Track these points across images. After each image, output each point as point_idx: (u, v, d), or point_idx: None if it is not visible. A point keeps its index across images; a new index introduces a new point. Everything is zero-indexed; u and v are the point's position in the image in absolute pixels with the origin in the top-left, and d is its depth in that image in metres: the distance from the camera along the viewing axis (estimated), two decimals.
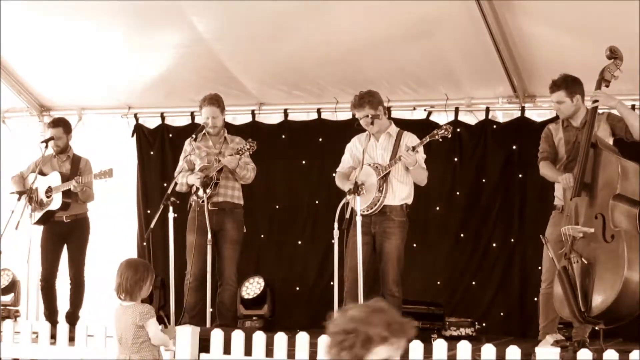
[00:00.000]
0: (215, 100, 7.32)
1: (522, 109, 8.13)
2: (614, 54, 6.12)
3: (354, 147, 7.03)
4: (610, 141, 6.34)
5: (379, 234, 6.76)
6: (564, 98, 6.29)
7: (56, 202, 7.65)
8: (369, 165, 6.81)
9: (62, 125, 7.93)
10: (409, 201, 6.87)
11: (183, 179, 7.25)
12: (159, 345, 5.07)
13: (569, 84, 6.29)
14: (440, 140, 6.65)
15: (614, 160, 5.94)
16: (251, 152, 7.19)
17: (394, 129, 6.95)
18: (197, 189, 7.14)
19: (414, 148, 6.60)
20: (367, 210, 6.68)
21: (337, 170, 7.11)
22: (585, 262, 5.77)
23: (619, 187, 5.87)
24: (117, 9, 7.68)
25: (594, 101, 6.12)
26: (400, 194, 6.79)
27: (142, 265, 5.19)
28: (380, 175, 6.72)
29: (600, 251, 5.79)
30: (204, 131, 7.38)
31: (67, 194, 7.63)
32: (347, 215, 6.32)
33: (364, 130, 6.95)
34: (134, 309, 5.06)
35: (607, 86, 6.16)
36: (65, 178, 7.66)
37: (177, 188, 7.22)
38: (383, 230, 6.75)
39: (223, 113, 7.43)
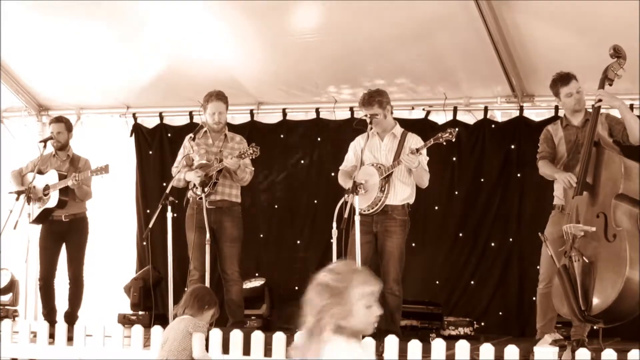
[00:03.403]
0: (222, 96, 7.34)
1: (521, 109, 8.14)
2: (617, 53, 6.11)
3: (357, 146, 6.99)
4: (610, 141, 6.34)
5: (381, 232, 6.74)
6: (580, 87, 6.32)
7: (53, 200, 7.65)
8: (372, 165, 6.79)
9: (64, 121, 7.96)
10: (411, 201, 6.86)
11: (181, 174, 7.25)
12: None
13: (574, 75, 6.33)
14: (445, 143, 6.64)
15: (617, 159, 5.94)
16: (253, 157, 7.18)
17: (398, 130, 6.93)
18: (194, 185, 7.15)
19: (417, 150, 6.59)
20: (368, 210, 6.67)
21: (340, 168, 7.09)
22: (587, 261, 5.76)
23: (621, 187, 5.86)
24: (115, 9, 7.68)
25: (598, 100, 6.11)
26: (402, 194, 6.77)
27: (213, 295, 5.55)
28: (383, 175, 6.70)
29: (601, 250, 5.78)
30: (204, 129, 7.38)
31: (64, 192, 7.62)
32: (346, 215, 6.31)
33: (364, 129, 6.93)
34: (190, 320, 5.28)
35: (610, 85, 6.16)
36: (63, 176, 7.65)
37: (174, 183, 7.22)
38: (385, 229, 6.73)
39: (227, 110, 7.45)
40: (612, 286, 5.65)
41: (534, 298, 6.83)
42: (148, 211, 8.99)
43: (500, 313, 8.14)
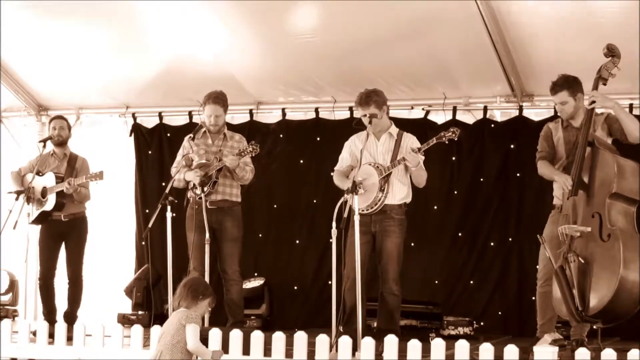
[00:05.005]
0: (219, 99, 7.30)
1: (520, 108, 8.15)
2: (611, 52, 6.11)
3: (353, 146, 6.99)
4: (609, 141, 6.34)
5: (379, 232, 6.73)
6: (567, 98, 6.29)
7: (50, 203, 7.65)
8: (370, 164, 6.77)
9: (65, 120, 7.97)
10: (408, 200, 6.86)
11: (180, 175, 7.24)
12: (194, 352, 5.17)
13: (570, 84, 6.29)
14: (447, 142, 6.63)
15: (611, 159, 5.94)
16: (253, 155, 7.18)
17: (394, 130, 6.92)
18: (194, 185, 7.15)
19: (419, 149, 6.59)
20: (367, 210, 6.66)
21: (335, 168, 7.08)
22: (582, 262, 5.77)
23: (615, 186, 5.87)
24: (114, 9, 7.68)
25: (591, 102, 6.12)
26: (399, 193, 6.77)
27: (207, 285, 5.53)
28: (383, 175, 6.70)
29: (597, 250, 5.79)
30: (203, 129, 7.37)
31: (61, 194, 7.62)
32: (345, 215, 6.31)
33: (362, 129, 6.92)
34: (183, 312, 5.25)
35: (604, 84, 6.15)
36: (59, 179, 7.66)
37: (175, 184, 7.22)
38: (383, 228, 6.73)
39: (226, 112, 7.42)
40: (607, 286, 5.66)
41: (533, 298, 6.83)
42: (147, 211, 8.99)
43: (500, 313, 8.14)
